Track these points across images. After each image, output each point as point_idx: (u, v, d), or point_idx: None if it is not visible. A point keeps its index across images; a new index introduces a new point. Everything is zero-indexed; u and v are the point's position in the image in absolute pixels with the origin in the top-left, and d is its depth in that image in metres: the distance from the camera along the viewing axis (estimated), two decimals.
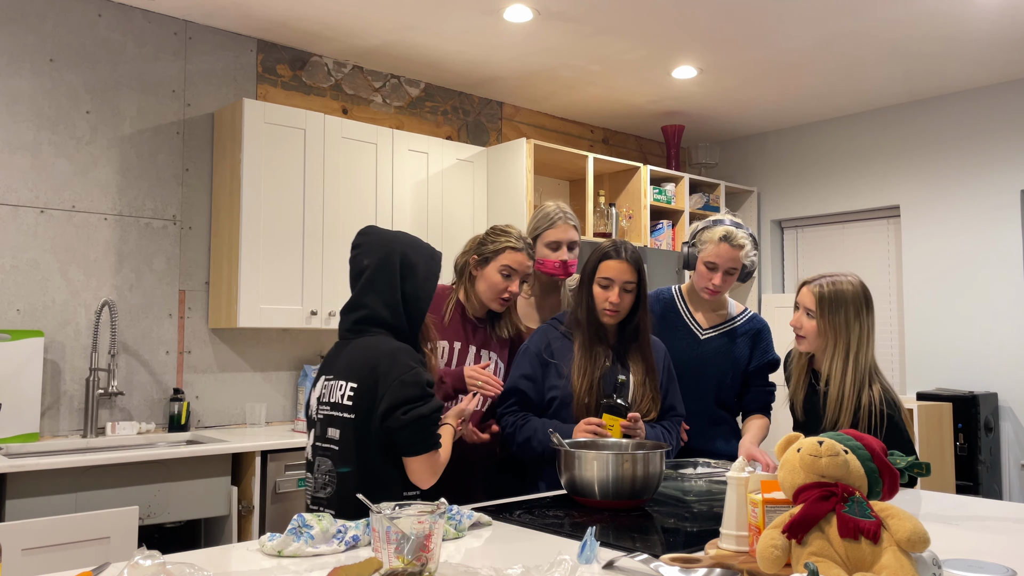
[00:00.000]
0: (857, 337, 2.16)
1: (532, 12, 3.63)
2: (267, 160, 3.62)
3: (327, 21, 3.75)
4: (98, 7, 3.50)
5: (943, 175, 4.83)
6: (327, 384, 1.87)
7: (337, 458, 1.80)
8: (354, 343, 1.87)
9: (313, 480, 1.85)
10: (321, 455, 1.83)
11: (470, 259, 2.44)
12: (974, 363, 4.64)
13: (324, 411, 1.85)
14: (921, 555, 1.17)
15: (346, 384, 1.82)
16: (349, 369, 1.83)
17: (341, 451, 1.79)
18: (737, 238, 2.51)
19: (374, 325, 1.87)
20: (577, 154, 4.54)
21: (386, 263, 1.89)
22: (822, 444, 1.27)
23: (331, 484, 1.80)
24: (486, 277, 2.39)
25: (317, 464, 1.84)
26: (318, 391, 1.90)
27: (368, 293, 1.88)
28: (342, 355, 1.88)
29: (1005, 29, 3.85)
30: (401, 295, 1.88)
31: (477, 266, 2.43)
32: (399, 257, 1.90)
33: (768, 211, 5.64)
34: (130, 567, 1.16)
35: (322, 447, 1.83)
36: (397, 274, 1.89)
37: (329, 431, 1.82)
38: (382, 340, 1.84)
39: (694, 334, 2.61)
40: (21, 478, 2.68)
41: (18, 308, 3.26)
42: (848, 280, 2.20)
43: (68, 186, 3.39)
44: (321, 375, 1.92)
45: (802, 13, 3.65)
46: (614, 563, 1.36)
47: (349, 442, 1.78)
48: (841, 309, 2.16)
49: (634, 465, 1.80)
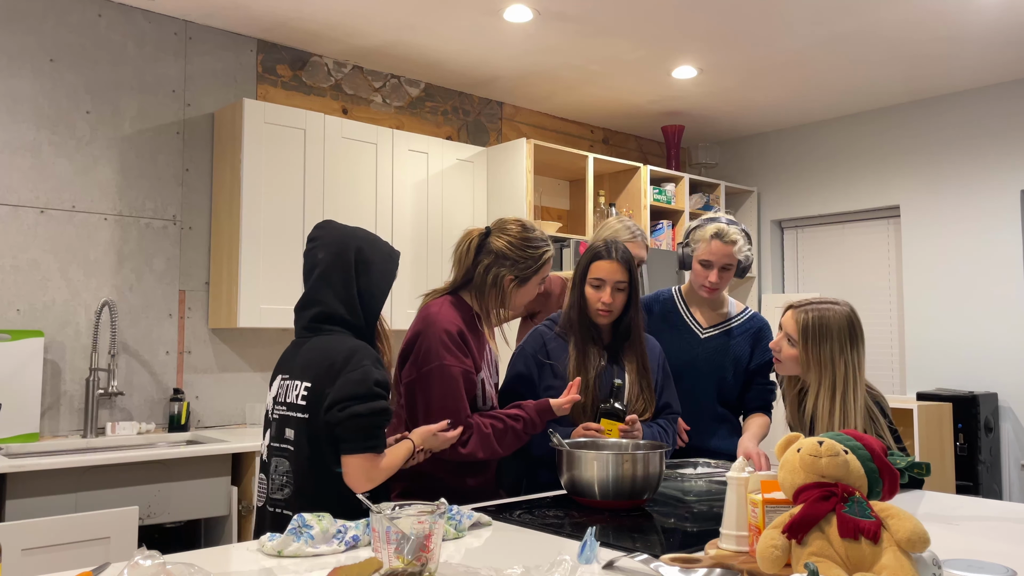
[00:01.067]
0: (843, 375, 2.02)
1: (532, 12, 3.63)
2: (267, 160, 3.62)
3: (327, 21, 3.75)
4: (98, 7, 3.50)
5: (943, 175, 4.83)
6: (283, 384, 1.83)
7: (294, 459, 1.76)
8: (311, 342, 1.83)
9: (268, 481, 1.81)
10: (278, 456, 1.80)
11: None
12: (974, 363, 4.64)
13: (280, 411, 1.82)
14: (921, 555, 1.17)
15: (300, 384, 1.79)
16: (305, 368, 1.79)
17: (296, 452, 1.76)
18: (729, 234, 2.50)
19: (330, 323, 1.83)
20: (577, 154, 4.54)
21: (341, 258, 1.84)
22: (822, 444, 1.27)
23: (289, 485, 1.76)
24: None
25: (274, 465, 1.80)
26: (274, 391, 1.86)
27: (322, 289, 1.83)
28: (299, 354, 1.84)
29: (1005, 29, 3.85)
30: (357, 291, 1.84)
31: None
32: (354, 252, 1.85)
33: (768, 211, 5.64)
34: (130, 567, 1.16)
35: (278, 447, 1.80)
36: (352, 270, 1.84)
37: (286, 432, 1.78)
38: (340, 339, 1.80)
39: (694, 333, 2.62)
40: (21, 478, 2.68)
41: (18, 308, 3.26)
42: (836, 309, 2.06)
43: (68, 186, 3.39)
44: (277, 375, 1.87)
45: (802, 13, 3.65)
46: (614, 563, 1.36)
47: (303, 443, 1.75)
48: (827, 343, 2.03)
49: (634, 465, 1.80)
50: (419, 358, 2.03)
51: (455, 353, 2.03)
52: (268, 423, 1.86)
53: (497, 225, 2.18)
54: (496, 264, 2.11)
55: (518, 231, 2.14)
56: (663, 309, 2.68)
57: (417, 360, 2.03)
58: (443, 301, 2.12)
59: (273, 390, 1.87)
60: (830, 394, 2.03)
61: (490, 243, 2.13)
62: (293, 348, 1.89)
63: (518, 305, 2.20)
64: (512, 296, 2.14)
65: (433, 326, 2.03)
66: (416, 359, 2.04)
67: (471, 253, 2.14)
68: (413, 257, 4.10)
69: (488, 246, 2.13)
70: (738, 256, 2.53)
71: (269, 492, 1.80)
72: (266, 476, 1.82)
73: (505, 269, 2.11)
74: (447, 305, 2.10)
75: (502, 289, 2.12)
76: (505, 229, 2.15)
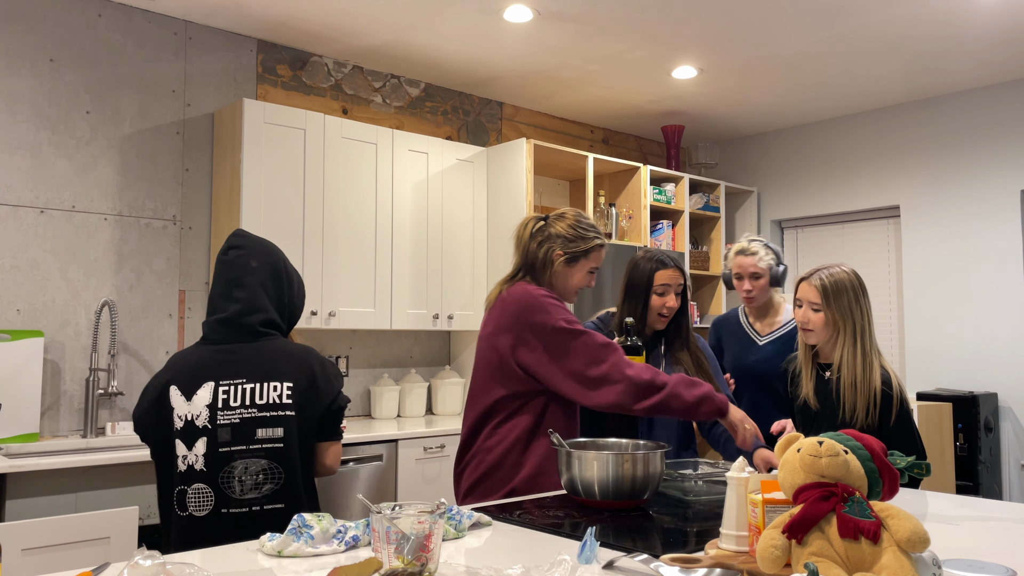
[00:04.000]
0: (861, 323, 2.27)
1: (532, 12, 3.63)
2: (267, 160, 3.62)
3: (327, 21, 3.75)
4: (98, 7, 3.50)
5: (943, 175, 4.83)
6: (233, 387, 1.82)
7: (280, 455, 1.81)
8: (260, 346, 1.87)
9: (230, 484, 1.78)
10: (247, 457, 1.79)
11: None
12: (974, 363, 4.64)
13: (243, 413, 1.81)
14: (921, 555, 1.17)
15: (281, 384, 1.84)
16: (274, 371, 1.84)
17: (286, 447, 1.81)
18: (749, 248, 2.97)
19: (272, 327, 1.92)
20: (577, 154, 4.54)
21: (275, 269, 1.94)
22: (822, 444, 1.27)
23: (270, 481, 1.79)
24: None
25: (242, 466, 1.79)
26: (208, 396, 1.81)
27: (262, 296, 1.91)
28: (249, 358, 1.85)
29: (1005, 29, 3.85)
30: (286, 302, 1.97)
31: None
32: (283, 266, 1.97)
33: (768, 211, 5.65)
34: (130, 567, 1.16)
35: (248, 449, 1.79)
36: (284, 282, 1.96)
37: (259, 432, 1.80)
38: (290, 343, 1.93)
39: (753, 341, 3.02)
40: (21, 478, 2.68)
41: (18, 308, 3.26)
42: (842, 269, 2.31)
43: (68, 186, 3.40)
44: (207, 380, 1.82)
45: (802, 13, 3.65)
46: (614, 563, 1.36)
47: (293, 437, 1.82)
48: (843, 296, 2.27)
49: (634, 465, 1.80)
50: (536, 331, 2.09)
51: (561, 310, 2.13)
52: (201, 431, 1.79)
53: (555, 214, 2.31)
54: (548, 241, 2.25)
55: (574, 215, 2.30)
56: (729, 325, 3.13)
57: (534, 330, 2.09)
58: (522, 284, 2.21)
59: (204, 396, 1.81)
60: (852, 339, 2.26)
61: (547, 226, 2.28)
62: (226, 353, 1.86)
63: (567, 288, 2.28)
64: (561, 274, 2.24)
65: (531, 296, 2.13)
66: (533, 333, 2.10)
67: (527, 231, 2.29)
68: (413, 257, 4.10)
69: (545, 229, 2.28)
70: (760, 264, 2.95)
71: (235, 493, 1.78)
72: (214, 482, 1.78)
73: (556, 245, 2.24)
74: (528, 284, 2.20)
75: (552, 264, 2.24)
76: (562, 215, 2.30)
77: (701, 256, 5.30)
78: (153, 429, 1.85)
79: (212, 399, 1.81)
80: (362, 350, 4.23)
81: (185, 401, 1.82)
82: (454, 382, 4.38)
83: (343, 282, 3.83)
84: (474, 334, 4.46)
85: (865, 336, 2.27)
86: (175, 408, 1.82)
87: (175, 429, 1.81)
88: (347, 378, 4.18)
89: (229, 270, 1.91)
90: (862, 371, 2.24)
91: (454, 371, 4.49)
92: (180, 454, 1.80)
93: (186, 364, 1.86)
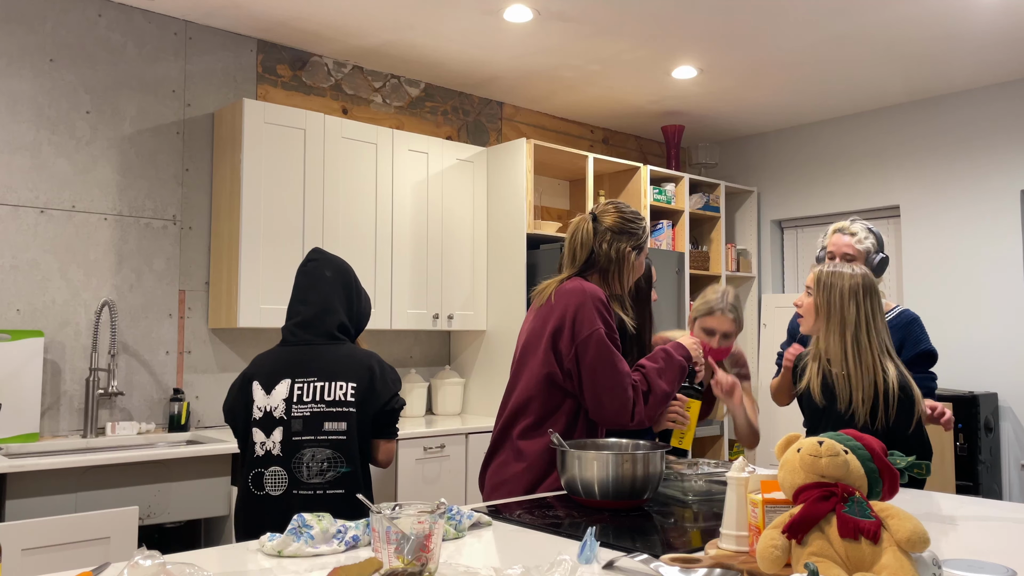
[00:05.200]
0: (855, 317, 2.26)
1: (532, 12, 3.63)
2: (267, 160, 3.62)
3: (327, 21, 3.75)
4: (98, 7, 3.50)
5: (943, 175, 4.83)
6: (306, 385, 2.09)
7: (343, 446, 2.06)
8: (330, 349, 2.14)
9: (298, 470, 2.05)
10: (315, 447, 2.05)
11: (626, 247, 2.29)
12: (974, 363, 4.64)
13: (313, 408, 2.08)
14: (921, 555, 1.17)
15: (347, 384, 2.09)
16: (341, 372, 2.10)
17: (348, 440, 2.06)
18: (849, 228, 2.78)
19: (344, 333, 2.19)
20: (577, 154, 4.54)
21: (347, 282, 2.22)
22: (822, 444, 1.27)
23: (333, 468, 2.05)
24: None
25: (309, 455, 2.05)
26: (285, 391, 2.09)
27: (337, 304, 2.18)
28: (319, 358, 2.12)
29: (1005, 29, 3.85)
30: (355, 312, 2.24)
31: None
32: (353, 281, 2.25)
33: (768, 211, 5.65)
34: (130, 567, 1.16)
35: (316, 439, 2.06)
36: (353, 294, 2.23)
37: (327, 425, 2.06)
38: (357, 348, 2.19)
39: None
40: (21, 478, 2.68)
41: (18, 308, 3.26)
42: (852, 269, 2.32)
43: (68, 186, 3.40)
44: (285, 377, 2.10)
45: (802, 13, 3.66)
46: (614, 563, 1.36)
47: (353, 431, 2.07)
48: (836, 289, 2.29)
49: (634, 465, 1.80)
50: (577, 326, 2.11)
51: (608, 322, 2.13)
52: (279, 422, 2.07)
53: (597, 210, 2.29)
54: (614, 240, 2.24)
55: (617, 208, 2.28)
56: None
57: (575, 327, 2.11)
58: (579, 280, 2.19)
59: (282, 391, 2.09)
60: (839, 331, 2.26)
61: (601, 224, 2.25)
62: (300, 353, 2.13)
63: (633, 280, 2.32)
64: (635, 267, 2.28)
65: (594, 301, 2.13)
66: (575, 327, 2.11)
67: (588, 234, 2.25)
68: (413, 257, 4.10)
69: (600, 227, 2.25)
70: (858, 247, 2.74)
71: (303, 477, 2.04)
72: (288, 466, 2.05)
73: (623, 241, 2.24)
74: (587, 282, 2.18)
75: (625, 260, 2.25)
76: (606, 210, 2.28)
77: (701, 256, 5.30)
78: (237, 418, 2.14)
79: (288, 394, 2.08)
80: None
81: (265, 395, 2.09)
82: (454, 382, 4.38)
83: None
84: (474, 334, 4.46)
85: (860, 333, 2.25)
86: (255, 400, 2.10)
87: (254, 419, 2.09)
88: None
89: (307, 279, 2.20)
90: (855, 367, 2.24)
91: (454, 371, 4.49)
92: (258, 441, 2.08)
93: (266, 362, 2.14)
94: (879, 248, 2.80)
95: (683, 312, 4.84)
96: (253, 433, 2.09)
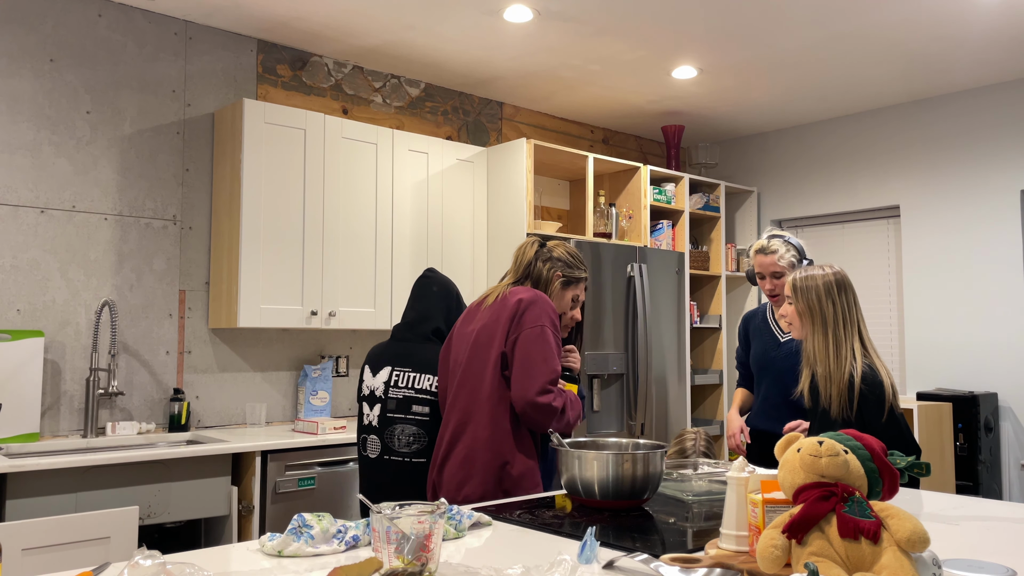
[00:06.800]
0: (833, 314, 2.32)
1: (532, 12, 3.63)
2: (267, 160, 3.62)
3: (327, 21, 3.76)
4: (98, 7, 3.50)
5: (943, 175, 4.83)
6: (402, 374, 2.54)
7: (426, 425, 2.48)
8: (424, 348, 2.55)
9: (390, 440, 2.51)
10: (403, 423, 2.50)
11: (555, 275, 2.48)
12: (974, 363, 4.64)
13: (405, 392, 2.51)
14: (921, 555, 1.17)
15: (433, 377, 2.51)
16: (430, 367, 2.52)
17: (431, 421, 2.48)
18: (768, 247, 2.91)
19: (438, 336, 2.58)
20: (577, 154, 4.54)
21: (448, 296, 2.64)
22: (822, 444, 1.27)
23: (418, 442, 2.49)
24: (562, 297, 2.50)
25: (399, 429, 2.50)
26: (385, 376, 2.54)
27: (437, 312, 2.61)
28: (415, 354, 2.55)
29: (1005, 29, 3.85)
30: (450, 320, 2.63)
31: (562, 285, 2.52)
32: (455, 294, 2.66)
33: (768, 211, 5.65)
34: (130, 567, 1.16)
35: (403, 417, 2.51)
36: (453, 305, 2.63)
37: (414, 407, 2.50)
38: None
39: (775, 338, 2.99)
40: (21, 478, 2.68)
41: (18, 308, 3.26)
42: (821, 269, 2.39)
43: (68, 186, 3.40)
44: (386, 365, 2.55)
45: (802, 13, 3.66)
46: (614, 563, 1.36)
47: (435, 415, 2.49)
48: (812, 290, 2.35)
49: (634, 465, 1.80)
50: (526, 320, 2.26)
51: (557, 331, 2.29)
52: (378, 400, 2.53)
53: (552, 243, 2.51)
54: (552, 261, 2.45)
55: (570, 246, 2.50)
56: (756, 320, 3.11)
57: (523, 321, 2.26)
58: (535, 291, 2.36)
59: (383, 375, 2.54)
60: (822, 330, 2.32)
61: (549, 249, 2.47)
62: (403, 348, 2.57)
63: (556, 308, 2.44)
64: (556, 294, 2.44)
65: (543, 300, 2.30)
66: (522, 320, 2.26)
67: (532, 250, 2.46)
68: (413, 257, 4.10)
69: (546, 251, 2.47)
70: (780, 263, 2.89)
71: (394, 447, 2.49)
72: (382, 436, 2.51)
73: (558, 267, 2.44)
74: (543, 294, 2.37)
75: (552, 283, 2.43)
76: (559, 244, 2.50)
77: (701, 256, 5.30)
78: (358, 393, 2.70)
79: (388, 378, 2.53)
80: (362, 350, 4.23)
81: (372, 376, 2.56)
82: None
83: (343, 282, 3.83)
84: None
85: (839, 329, 2.31)
86: (365, 380, 2.58)
87: (363, 395, 2.57)
88: (347, 378, 4.18)
89: (418, 291, 2.65)
90: (835, 363, 2.29)
91: None
92: (365, 412, 2.55)
93: (376, 352, 2.59)
94: (801, 257, 2.93)
95: (683, 312, 4.85)
96: (362, 406, 2.57)
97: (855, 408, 2.24)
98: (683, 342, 4.82)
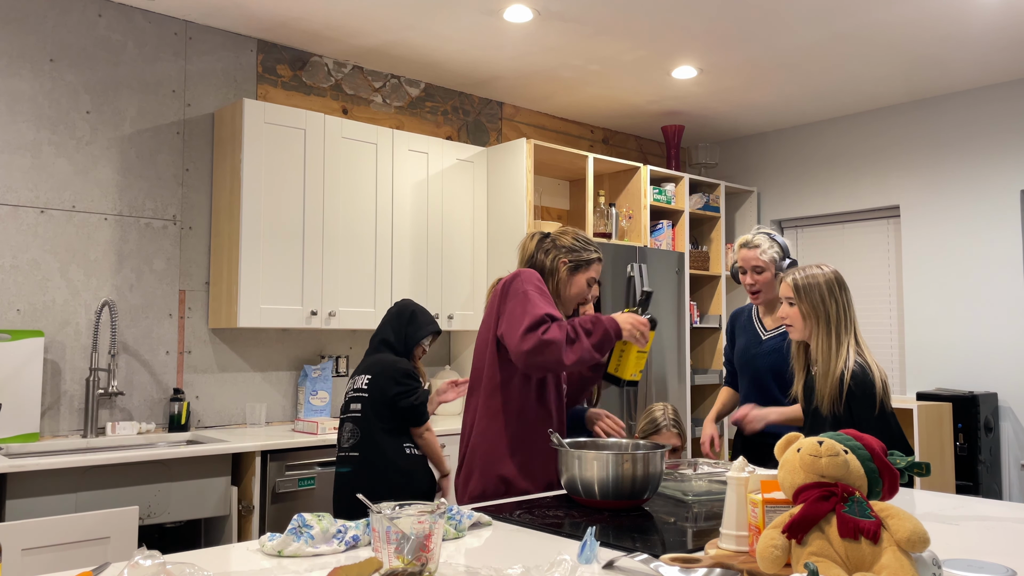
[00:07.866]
0: (835, 313, 2.34)
1: (532, 12, 3.63)
2: (267, 160, 3.62)
3: (327, 21, 3.75)
4: (98, 7, 3.50)
5: (943, 175, 4.83)
6: (358, 377, 2.94)
7: (360, 421, 2.86)
8: (373, 356, 2.97)
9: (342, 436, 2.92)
10: (347, 420, 2.90)
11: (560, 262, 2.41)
12: (974, 363, 4.64)
13: (351, 394, 2.92)
14: (921, 555, 1.17)
15: (364, 376, 2.89)
16: (366, 369, 2.93)
17: (363, 417, 2.86)
18: (752, 241, 2.93)
19: (385, 347, 2.98)
20: (577, 154, 4.54)
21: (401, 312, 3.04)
22: (822, 444, 1.27)
23: (354, 436, 2.86)
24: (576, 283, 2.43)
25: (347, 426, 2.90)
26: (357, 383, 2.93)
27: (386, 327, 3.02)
28: (364, 361, 2.98)
29: (1005, 29, 3.85)
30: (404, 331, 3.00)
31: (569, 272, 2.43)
32: (408, 309, 3.04)
33: (768, 211, 5.65)
34: (130, 567, 1.16)
35: (348, 416, 2.90)
36: (405, 319, 3.01)
37: (352, 406, 2.90)
38: (389, 356, 2.96)
39: (757, 335, 3.01)
40: (21, 478, 2.68)
41: (18, 308, 3.26)
42: (819, 268, 2.41)
43: (68, 186, 3.40)
44: (357, 373, 2.96)
45: (802, 13, 3.66)
46: (614, 563, 1.36)
47: (369, 411, 2.85)
48: (815, 290, 2.36)
49: (634, 465, 1.80)
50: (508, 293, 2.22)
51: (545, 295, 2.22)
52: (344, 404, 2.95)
53: (556, 231, 2.45)
54: (555, 249, 2.38)
55: (573, 231, 2.44)
56: (742, 318, 3.12)
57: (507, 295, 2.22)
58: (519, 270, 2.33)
59: (356, 382, 2.93)
60: (826, 329, 2.34)
61: (552, 239, 2.41)
62: (365, 358, 2.99)
63: (568, 296, 2.40)
64: (565, 282, 2.36)
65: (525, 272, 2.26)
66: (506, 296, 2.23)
67: (533, 243, 2.42)
68: (413, 257, 4.10)
69: (548, 241, 2.41)
70: (762, 258, 2.91)
71: (341, 443, 2.90)
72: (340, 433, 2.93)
73: (561, 254, 2.37)
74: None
75: (557, 271, 2.36)
76: (564, 232, 2.43)
77: (701, 256, 5.30)
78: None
79: (354, 383, 2.94)
80: (362, 350, 4.23)
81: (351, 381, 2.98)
82: None
83: (343, 282, 3.83)
84: (474, 334, 4.46)
85: (840, 327, 2.33)
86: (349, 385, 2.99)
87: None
88: (347, 378, 4.18)
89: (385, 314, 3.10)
90: (835, 361, 2.30)
91: (454, 371, 4.48)
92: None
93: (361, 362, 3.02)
94: (784, 255, 2.95)
95: (683, 312, 4.85)
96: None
97: (843, 402, 2.25)
98: (683, 342, 4.82)
